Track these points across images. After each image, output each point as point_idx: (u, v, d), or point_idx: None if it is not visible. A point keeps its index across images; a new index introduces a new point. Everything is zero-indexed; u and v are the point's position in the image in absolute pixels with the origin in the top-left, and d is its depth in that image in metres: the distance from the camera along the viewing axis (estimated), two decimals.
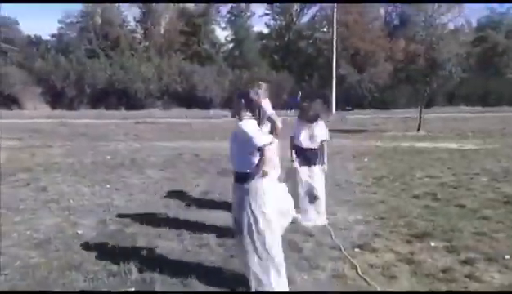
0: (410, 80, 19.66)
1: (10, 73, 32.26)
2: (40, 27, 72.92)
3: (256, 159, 3.36)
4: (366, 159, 10.10)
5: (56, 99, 33.21)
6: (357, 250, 4.40)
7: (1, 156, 10.25)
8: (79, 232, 4.94)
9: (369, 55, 38.91)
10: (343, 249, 4.37)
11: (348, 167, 9.22)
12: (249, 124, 3.38)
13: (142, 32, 43.27)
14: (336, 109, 30.54)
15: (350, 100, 32.44)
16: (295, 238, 4.70)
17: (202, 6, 43.04)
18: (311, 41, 44.63)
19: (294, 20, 45.75)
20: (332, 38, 32.19)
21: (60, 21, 41.70)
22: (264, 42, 46.97)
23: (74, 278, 3.73)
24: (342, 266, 4.01)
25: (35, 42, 41.31)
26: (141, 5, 41.90)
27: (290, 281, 3.69)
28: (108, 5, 40.80)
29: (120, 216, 5.56)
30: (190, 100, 34.27)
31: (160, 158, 10.38)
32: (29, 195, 6.66)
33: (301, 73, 39.49)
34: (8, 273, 3.82)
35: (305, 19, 45.98)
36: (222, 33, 46.30)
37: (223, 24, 46.15)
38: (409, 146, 12.52)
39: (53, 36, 42.40)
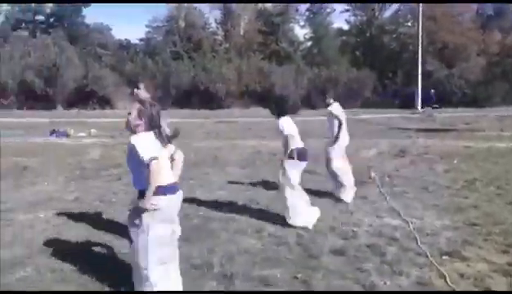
0: (506, 75, 17.97)
1: (103, 75, 35.06)
2: (130, 31, 78.37)
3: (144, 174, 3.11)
4: (455, 161, 9.42)
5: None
6: (445, 257, 4.12)
7: (96, 153, 11.16)
8: None
9: (459, 49, 36.30)
10: (429, 256, 4.11)
11: (436, 168, 8.67)
12: (138, 138, 3.17)
13: (223, 33, 44.56)
14: (422, 107, 28.96)
15: (438, 97, 30.51)
16: (378, 241, 4.52)
17: (280, 5, 43.28)
18: (394, 36, 42.78)
19: (376, 14, 44.15)
20: (418, 32, 30.58)
21: (147, 26, 44.52)
22: (344, 38, 45.96)
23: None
24: (428, 274, 3.77)
25: (125, 45, 44.43)
26: (221, 7, 43.23)
27: (372, 286, 3.56)
28: (191, 8, 42.65)
29: (203, 211, 5.76)
30: (268, 99, 34.63)
31: (240, 156, 10.59)
32: (121, 189, 7.15)
33: (384, 70, 37.97)
34: (104, 261, 4.13)
35: (388, 13, 44.20)
36: (301, 32, 46.17)
37: (302, 22, 46.00)
38: (505, 147, 11.46)
39: (141, 40, 45.32)
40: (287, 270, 3.89)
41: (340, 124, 6.26)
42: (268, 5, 44.08)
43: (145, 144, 3.14)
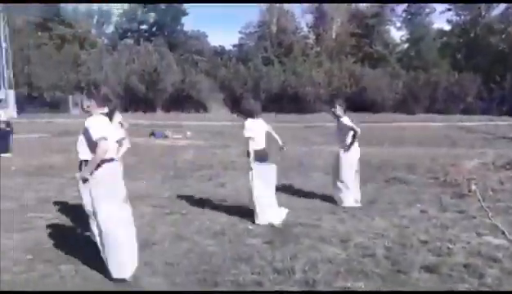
0: None
1: (199, 80, 36.94)
2: (225, 38, 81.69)
3: (94, 149, 3.66)
4: None
5: (236, 103, 36.57)
6: None
7: (190, 154, 11.76)
8: (250, 227, 5.28)
9: None
10: None
11: None
12: (93, 119, 3.75)
13: (314, 37, 44.42)
14: None
15: None
16: (477, 261, 4.12)
17: (375, 6, 41.96)
18: (504, 35, 39.01)
19: (483, 13, 40.67)
20: None
21: (240, 32, 46.01)
22: (445, 39, 43.09)
23: (243, 270, 3.98)
24: None
25: (220, 52, 46.35)
26: (313, 10, 43.15)
27: None
28: (283, 12, 43.15)
29: (287, 215, 5.75)
30: (359, 103, 33.67)
31: (327, 162, 10.40)
32: (211, 189, 7.43)
33: (490, 73, 34.80)
34: (191, 257, 4.31)
35: (496, 11, 40.48)
36: (397, 33, 44.33)
37: (398, 24, 44.11)
38: None
39: (234, 46, 46.96)
40: (372, 284, 3.71)
41: (355, 134, 6.31)
42: (362, 6, 43.00)
43: (98, 125, 3.74)
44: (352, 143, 6.33)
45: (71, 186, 7.65)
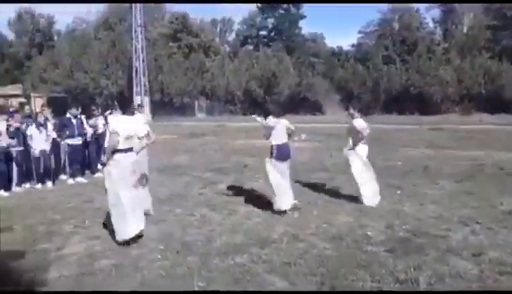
0: None
1: (316, 82, 36.92)
2: (343, 38, 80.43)
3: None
4: None
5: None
6: None
7: (305, 156, 11.81)
8: (369, 233, 5.08)
9: None
10: None
11: None
12: (112, 118, 5.13)
13: (441, 33, 41.18)
14: None
15: None
16: None
17: None
18: None
19: None
20: None
21: (360, 31, 44.72)
22: None
23: (362, 277, 3.84)
24: None
25: (337, 52, 45.61)
26: (441, 5, 40.07)
27: None
28: (406, 9, 40.72)
29: (410, 224, 5.41)
30: (495, 103, 30.18)
31: (456, 168, 9.54)
32: (327, 193, 7.34)
33: None
34: (307, 259, 4.30)
35: None
36: None
37: None
38: None
39: (353, 46, 45.76)
40: None
41: (362, 138, 6.55)
42: None
43: (113, 122, 5.00)
44: (356, 143, 6.61)
45: (196, 183, 8.26)
